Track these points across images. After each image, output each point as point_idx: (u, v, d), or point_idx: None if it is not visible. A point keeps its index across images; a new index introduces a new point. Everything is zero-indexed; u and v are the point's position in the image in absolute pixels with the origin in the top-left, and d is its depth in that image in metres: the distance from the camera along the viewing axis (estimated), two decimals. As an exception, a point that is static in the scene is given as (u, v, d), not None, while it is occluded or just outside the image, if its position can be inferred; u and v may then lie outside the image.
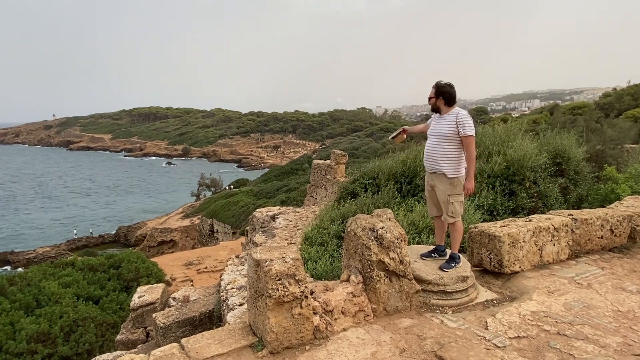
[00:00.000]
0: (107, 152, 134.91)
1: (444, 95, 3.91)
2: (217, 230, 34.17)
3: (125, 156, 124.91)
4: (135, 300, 7.35)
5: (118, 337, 7.20)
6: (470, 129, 3.77)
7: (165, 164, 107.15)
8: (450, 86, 3.93)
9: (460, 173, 3.89)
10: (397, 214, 5.79)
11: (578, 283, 4.13)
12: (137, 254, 14.79)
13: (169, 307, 6.84)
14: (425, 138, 4.22)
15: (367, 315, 3.41)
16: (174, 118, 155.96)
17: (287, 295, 2.89)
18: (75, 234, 43.64)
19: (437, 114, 4.05)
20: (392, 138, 4.59)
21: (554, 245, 4.62)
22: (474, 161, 3.83)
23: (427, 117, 4.72)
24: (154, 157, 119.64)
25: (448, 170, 3.88)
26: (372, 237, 3.49)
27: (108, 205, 61.45)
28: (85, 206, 60.49)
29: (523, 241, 4.34)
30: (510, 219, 4.87)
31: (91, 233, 44.57)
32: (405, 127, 4.50)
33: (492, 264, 4.32)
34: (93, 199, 65.50)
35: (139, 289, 7.82)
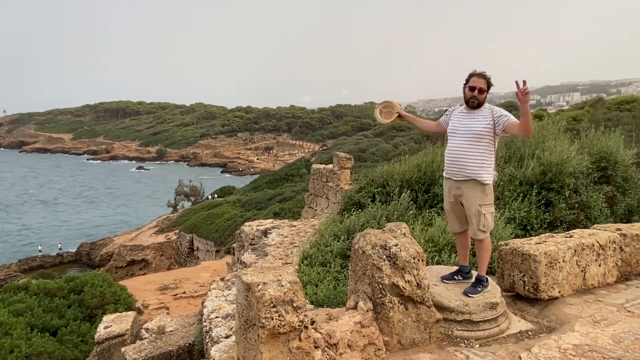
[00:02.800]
0: (67, 154, 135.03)
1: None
2: (198, 248, 34.12)
3: (88, 159, 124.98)
4: (101, 331, 7.36)
5: (80, 375, 7.20)
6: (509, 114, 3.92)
7: (136, 168, 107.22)
8: None
9: (493, 179, 3.98)
10: (413, 229, 5.81)
11: (629, 311, 4.12)
12: (103, 276, 14.79)
13: (141, 339, 6.83)
14: (433, 138, 4.27)
15: (379, 349, 3.41)
16: (146, 114, 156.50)
17: (284, 325, 2.89)
18: (40, 251, 43.61)
19: (461, 109, 4.11)
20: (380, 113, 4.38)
21: (600, 265, 4.63)
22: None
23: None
24: (123, 161, 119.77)
25: (483, 175, 3.88)
26: (384, 256, 3.50)
27: (68, 217, 61.38)
28: (42, 219, 60.41)
29: (563, 261, 4.35)
30: (547, 234, 4.88)
31: (60, 249, 44.54)
32: (401, 112, 4.39)
33: (527, 288, 4.32)
34: (50, 211, 65.45)
35: (104, 318, 7.86)
